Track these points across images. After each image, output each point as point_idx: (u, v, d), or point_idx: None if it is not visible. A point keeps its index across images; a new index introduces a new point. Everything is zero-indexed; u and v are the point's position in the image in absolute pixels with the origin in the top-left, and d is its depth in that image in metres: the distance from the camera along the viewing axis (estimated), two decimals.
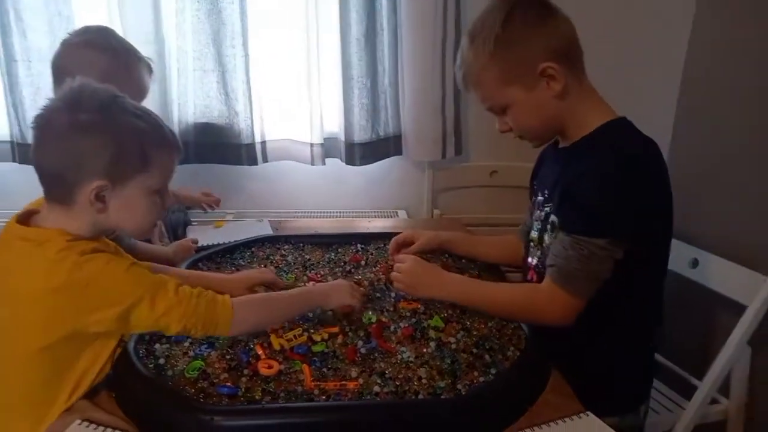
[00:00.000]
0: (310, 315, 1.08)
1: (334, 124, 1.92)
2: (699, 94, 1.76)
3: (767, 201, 1.51)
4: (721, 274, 1.44)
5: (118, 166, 0.86)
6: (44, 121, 0.85)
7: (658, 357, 1.46)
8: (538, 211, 1.12)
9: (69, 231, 0.87)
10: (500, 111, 1.04)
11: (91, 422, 0.82)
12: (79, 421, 0.82)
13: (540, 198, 1.13)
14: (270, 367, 0.90)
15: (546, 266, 1.01)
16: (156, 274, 0.90)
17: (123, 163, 0.86)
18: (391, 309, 1.11)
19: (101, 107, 0.85)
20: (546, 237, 1.08)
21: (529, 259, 1.16)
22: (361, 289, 1.15)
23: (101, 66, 1.24)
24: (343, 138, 1.90)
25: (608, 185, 0.94)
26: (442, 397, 0.86)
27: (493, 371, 0.92)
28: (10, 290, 0.87)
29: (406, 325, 1.05)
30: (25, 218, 0.91)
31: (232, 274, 1.24)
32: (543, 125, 1.05)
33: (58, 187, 0.88)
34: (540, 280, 1.07)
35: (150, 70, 1.42)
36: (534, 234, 1.14)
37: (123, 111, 0.87)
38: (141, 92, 1.38)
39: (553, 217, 1.05)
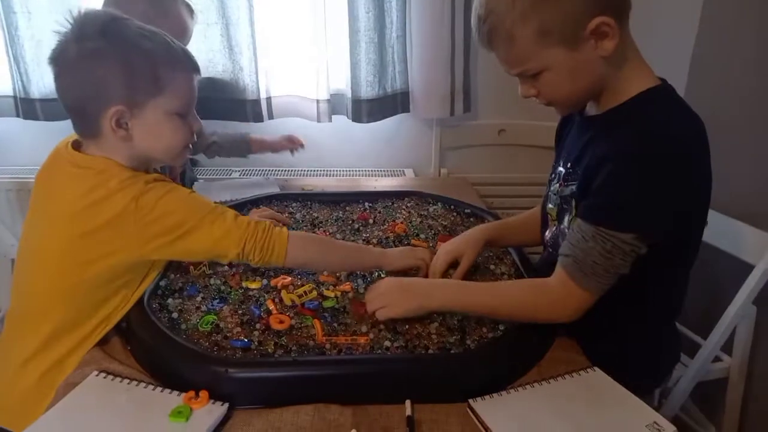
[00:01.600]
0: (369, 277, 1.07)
1: (340, 80, 1.88)
2: (712, 51, 1.72)
3: None
4: (728, 234, 1.44)
5: (131, 90, 0.86)
6: (56, 56, 0.86)
7: None
8: (557, 184, 1.00)
9: (121, 163, 0.90)
10: (532, 75, 0.86)
11: (108, 373, 0.84)
12: (96, 372, 0.84)
13: (561, 169, 1.00)
14: (282, 322, 0.92)
15: (560, 254, 0.88)
16: (217, 203, 0.93)
17: (135, 86, 0.86)
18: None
19: (103, 32, 0.85)
20: (566, 217, 0.97)
21: (546, 233, 1.07)
22: (424, 253, 1.08)
23: (138, 11, 1.22)
24: (349, 94, 1.86)
25: (644, 173, 0.80)
26: (451, 351, 0.87)
27: (501, 327, 0.93)
28: (56, 213, 0.89)
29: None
30: (77, 146, 0.93)
31: None
32: (581, 92, 0.88)
33: (83, 121, 0.90)
34: (551, 256, 1.00)
35: (191, 11, 1.43)
36: (551, 207, 1.03)
37: (126, 32, 0.87)
38: (183, 33, 1.38)
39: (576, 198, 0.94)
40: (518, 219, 1.21)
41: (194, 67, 0.94)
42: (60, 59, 0.86)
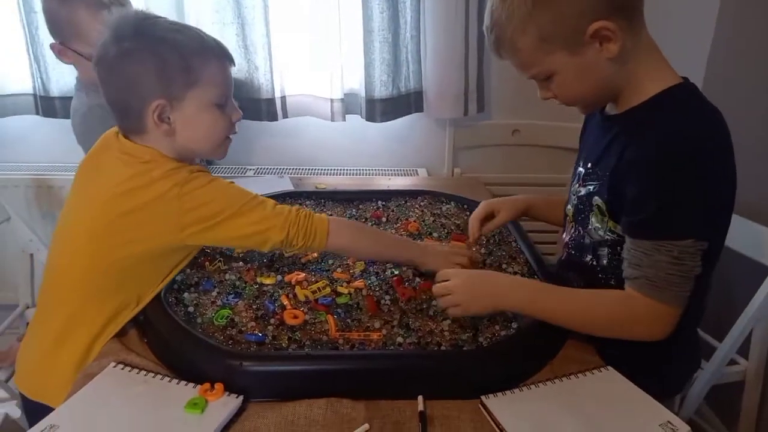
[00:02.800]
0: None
1: (354, 80, 1.89)
2: (728, 59, 1.70)
3: None
4: (745, 235, 1.42)
5: (167, 83, 0.89)
6: (98, 59, 0.91)
7: None
8: (577, 185, 0.99)
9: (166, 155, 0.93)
10: (544, 79, 0.87)
11: (126, 365, 0.85)
12: (114, 364, 0.86)
13: (581, 170, 0.99)
14: (296, 317, 0.92)
15: (626, 278, 0.85)
16: (256, 194, 0.96)
17: (169, 78, 0.89)
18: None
19: (136, 30, 0.88)
20: (593, 219, 0.94)
21: (564, 235, 1.05)
22: (462, 257, 1.06)
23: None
24: (363, 94, 1.87)
25: (683, 177, 0.79)
26: (464, 348, 0.87)
27: (514, 325, 0.93)
28: (96, 194, 0.93)
29: (425, 279, 1.06)
30: (126, 135, 0.96)
31: None
32: (595, 92, 0.88)
33: (128, 118, 0.93)
34: (570, 259, 1.01)
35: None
36: (569, 208, 1.02)
37: (157, 28, 0.90)
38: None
39: (597, 199, 0.92)
40: (551, 199, 1.22)
41: (227, 56, 0.95)
42: (101, 62, 0.90)
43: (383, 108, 1.87)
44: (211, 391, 0.78)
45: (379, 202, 1.47)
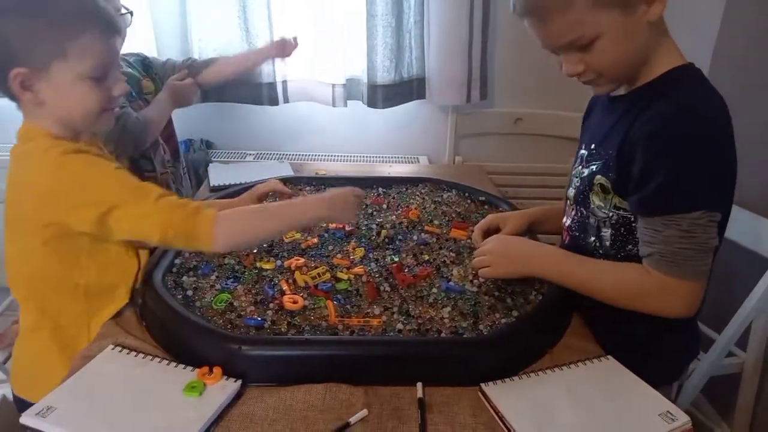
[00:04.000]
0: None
1: (356, 65, 1.88)
2: (734, 51, 1.68)
3: None
4: (745, 227, 1.42)
5: (30, 51, 0.82)
6: None
7: None
8: (580, 167, 0.99)
9: (46, 129, 0.88)
10: (582, 46, 0.82)
11: (124, 347, 0.85)
12: (112, 346, 0.85)
13: (583, 152, 0.99)
14: (295, 302, 0.92)
15: (642, 256, 0.86)
16: (142, 182, 0.87)
17: (34, 46, 0.82)
18: (411, 253, 1.12)
19: None
20: (593, 197, 0.94)
21: (564, 219, 1.05)
22: (357, 194, 1.02)
23: None
24: (365, 79, 1.85)
25: (689, 150, 0.79)
26: (464, 336, 0.87)
27: (514, 314, 0.93)
28: (13, 184, 0.90)
29: (424, 266, 1.05)
30: None
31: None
32: (631, 61, 0.85)
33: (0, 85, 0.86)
34: (572, 242, 1.01)
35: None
36: (570, 192, 1.01)
37: None
38: None
39: (600, 178, 0.92)
40: (554, 208, 1.19)
41: (109, 27, 0.87)
42: None
43: (385, 94, 1.86)
44: (210, 374, 0.78)
45: (380, 189, 1.46)
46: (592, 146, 0.96)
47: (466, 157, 2.04)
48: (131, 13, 1.35)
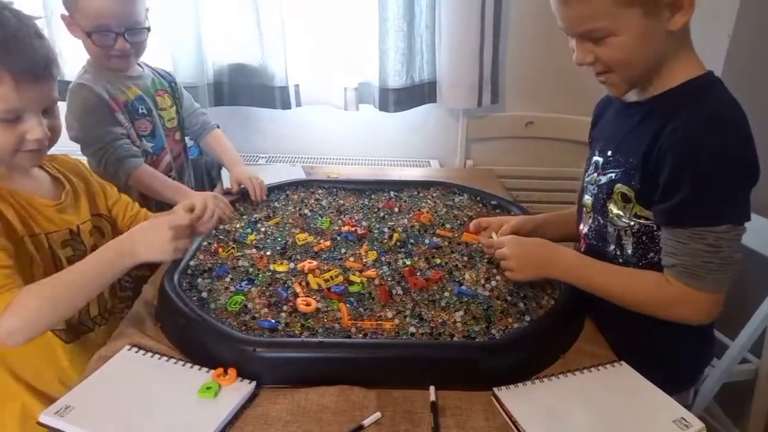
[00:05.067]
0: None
1: (368, 69, 1.88)
2: (746, 55, 1.67)
3: None
4: (762, 234, 1.41)
5: None
6: None
7: None
8: (596, 174, 0.97)
9: None
10: (597, 38, 0.83)
11: (140, 348, 0.86)
12: (128, 347, 0.86)
13: (598, 158, 0.98)
14: (308, 304, 0.93)
15: (664, 266, 0.85)
16: None
17: None
18: (423, 256, 1.12)
19: None
20: (611, 206, 0.93)
21: (581, 226, 1.04)
22: (175, 225, 0.87)
23: None
24: (377, 83, 1.86)
25: (717, 162, 0.79)
26: (476, 340, 0.87)
27: (527, 318, 0.93)
28: None
29: (437, 270, 1.06)
30: None
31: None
32: (644, 63, 0.85)
33: None
34: (589, 249, 1.00)
35: None
36: (587, 199, 1.00)
37: None
38: None
39: (621, 186, 0.90)
40: (556, 215, 1.20)
41: (28, 74, 0.83)
42: None
43: (396, 98, 1.87)
44: (224, 376, 0.79)
45: (392, 193, 1.47)
46: (609, 153, 0.95)
47: (477, 161, 2.04)
48: (148, 29, 1.34)
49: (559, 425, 0.73)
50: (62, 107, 1.00)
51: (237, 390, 0.78)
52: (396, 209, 1.36)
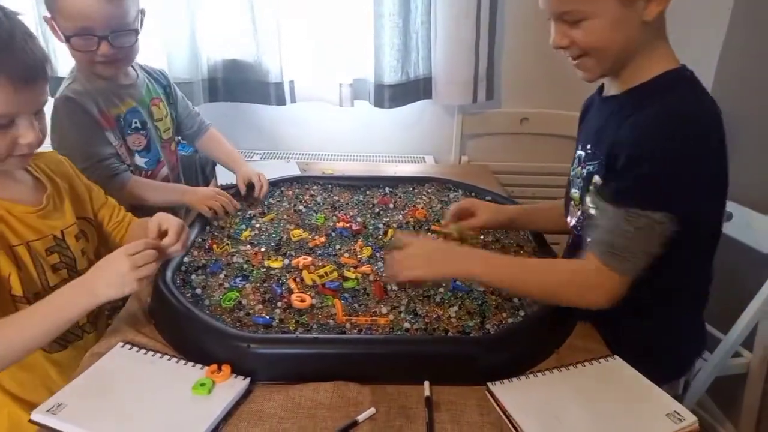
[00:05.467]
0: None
1: (363, 65, 1.88)
2: (740, 48, 1.67)
3: None
4: (755, 228, 1.42)
5: None
6: None
7: None
8: (579, 168, 1.00)
9: None
10: (573, 21, 0.86)
11: (133, 345, 0.86)
12: (121, 344, 0.86)
13: (581, 152, 1.01)
14: (303, 300, 0.92)
15: (590, 241, 0.87)
16: None
17: None
18: None
19: None
20: (588, 199, 0.95)
21: (569, 219, 1.05)
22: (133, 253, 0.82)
23: None
24: (372, 79, 1.86)
25: (668, 151, 0.81)
26: (471, 335, 0.87)
27: (521, 313, 0.93)
28: None
29: None
30: None
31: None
32: (617, 50, 0.87)
33: None
34: (578, 241, 1.01)
35: None
36: (575, 192, 1.02)
37: None
38: None
39: (596, 178, 0.93)
40: (542, 205, 1.22)
41: (19, 78, 0.81)
42: None
43: (392, 94, 1.86)
44: (219, 372, 0.79)
45: (387, 189, 1.47)
46: (588, 146, 0.98)
47: (472, 157, 2.04)
48: (143, 12, 1.27)
49: (553, 420, 0.73)
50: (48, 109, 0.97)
51: (231, 386, 0.77)
52: (391, 205, 1.36)
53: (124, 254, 0.82)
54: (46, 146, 0.98)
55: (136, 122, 1.33)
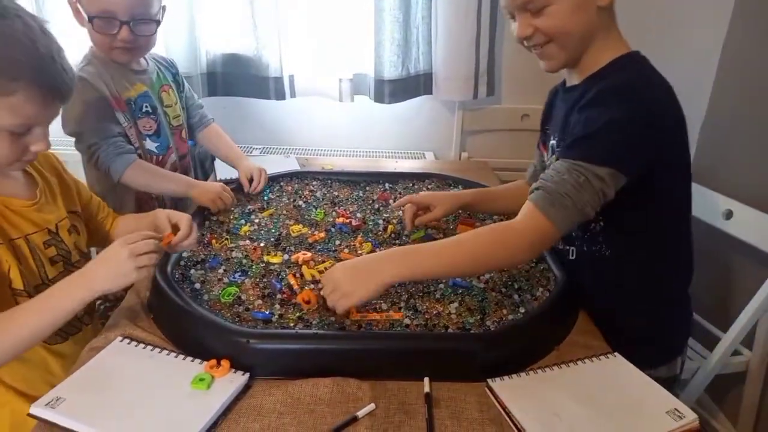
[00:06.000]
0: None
1: (364, 60, 1.87)
2: (742, 45, 1.67)
3: None
4: (755, 226, 1.41)
5: None
6: None
7: None
8: (554, 157, 1.03)
9: None
10: (537, 9, 0.92)
11: (132, 339, 0.85)
12: (120, 338, 0.86)
13: (552, 141, 1.06)
14: (308, 301, 0.91)
15: (531, 189, 0.90)
16: None
17: None
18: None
19: None
20: None
21: None
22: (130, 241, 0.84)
23: None
24: (372, 74, 1.85)
25: (612, 112, 0.86)
26: (471, 331, 0.87)
27: (521, 310, 0.93)
28: None
29: None
30: None
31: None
32: (579, 34, 0.93)
33: None
34: (567, 240, 1.04)
35: None
36: None
37: None
38: None
39: None
40: (501, 188, 1.30)
41: (48, 92, 0.82)
42: None
43: (392, 89, 1.85)
44: (218, 367, 0.78)
45: (387, 185, 1.46)
46: (556, 134, 1.04)
47: (473, 153, 2.03)
48: (158, 23, 1.29)
49: (553, 417, 0.73)
50: None
51: (230, 381, 0.77)
52: (391, 201, 1.36)
53: (122, 243, 0.83)
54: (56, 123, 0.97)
55: (146, 106, 1.34)
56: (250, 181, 1.39)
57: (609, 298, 0.98)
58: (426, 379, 0.79)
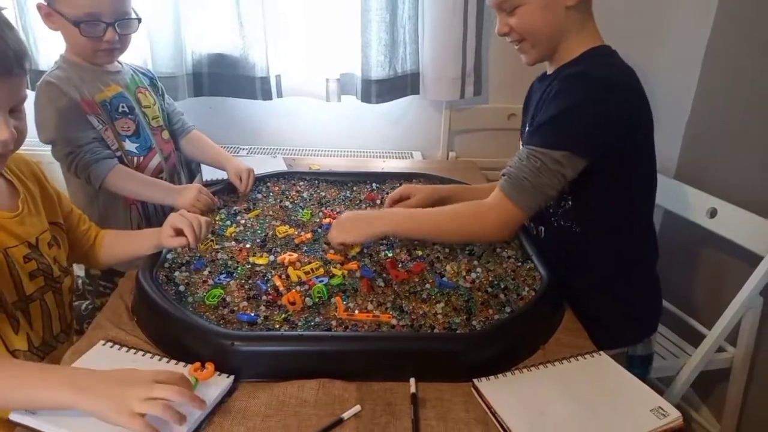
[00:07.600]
0: None
1: (350, 60, 1.86)
2: (726, 43, 1.68)
3: None
4: (739, 224, 1.43)
5: None
6: None
7: (666, 305, 1.47)
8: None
9: None
10: (510, 9, 1.01)
11: (115, 342, 0.84)
12: (103, 341, 0.85)
13: (527, 129, 1.12)
14: (293, 303, 0.91)
15: (499, 176, 1.01)
16: None
17: None
18: (404, 249, 1.12)
19: None
20: None
21: None
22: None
23: None
24: (359, 74, 1.84)
25: (568, 99, 0.95)
26: (457, 331, 0.87)
27: (507, 309, 0.93)
28: None
29: (418, 262, 1.05)
30: None
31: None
32: (547, 32, 1.02)
33: None
34: (540, 218, 1.12)
35: None
36: None
37: None
38: None
39: None
40: (479, 185, 1.37)
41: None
42: None
43: (379, 89, 1.85)
44: (202, 370, 0.77)
45: (374, 185, 1.46)
46: (533, 122, 1.08)
47: (460, 153, 2.03)
48: (139, 20, 1.28)
49: (539, 416, 0.73)
50: (31, 97, 0.95)
51: (215, 384, 0.76)
52: (378, 201, 1.35)
53: (150, 377, 0.70)
54: (31, 133, 0.92)
55: (123, 106, 1.32)
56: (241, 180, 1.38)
57: (580, 275, 1.04)
58: (412, 380, 0.79)
